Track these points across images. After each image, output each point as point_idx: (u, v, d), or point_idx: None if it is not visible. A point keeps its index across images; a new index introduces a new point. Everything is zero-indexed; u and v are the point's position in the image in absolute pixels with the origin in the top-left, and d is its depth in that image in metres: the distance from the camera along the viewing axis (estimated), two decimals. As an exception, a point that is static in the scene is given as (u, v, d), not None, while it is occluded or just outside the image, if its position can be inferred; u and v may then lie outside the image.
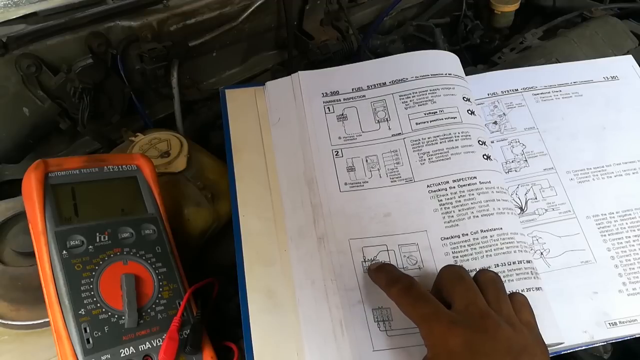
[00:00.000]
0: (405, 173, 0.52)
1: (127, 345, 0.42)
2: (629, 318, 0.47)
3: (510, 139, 0.58)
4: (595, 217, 0.53)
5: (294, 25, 0.82)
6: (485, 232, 0.48)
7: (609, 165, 0.56)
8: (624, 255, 0.51)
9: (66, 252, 0.43)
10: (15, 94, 0.62)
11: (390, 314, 0.45)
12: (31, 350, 0.47)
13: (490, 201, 0.50)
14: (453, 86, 0.56)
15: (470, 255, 0.48)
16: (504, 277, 0.45)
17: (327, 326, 0.45)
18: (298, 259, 0.49)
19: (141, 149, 0.58)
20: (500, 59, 0.85)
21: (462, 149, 0.52)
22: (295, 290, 0.47)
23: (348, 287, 0.47)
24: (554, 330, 0.45)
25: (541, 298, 0.46)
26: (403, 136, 0.54)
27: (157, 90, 0.71)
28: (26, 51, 0.60)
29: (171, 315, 0.45)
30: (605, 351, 0.52)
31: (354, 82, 0.58)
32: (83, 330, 0.41)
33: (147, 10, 0.68)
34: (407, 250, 0.48)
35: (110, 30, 0.65)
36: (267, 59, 0.84)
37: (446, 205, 0.50)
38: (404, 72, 0.57)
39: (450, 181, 0.51)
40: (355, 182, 0.52)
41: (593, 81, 0.62)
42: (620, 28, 0.83)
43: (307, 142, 0.55)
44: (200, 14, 0.71)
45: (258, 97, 0.60)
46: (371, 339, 0.44)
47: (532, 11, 1.02)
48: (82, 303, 0.42)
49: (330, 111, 0.56)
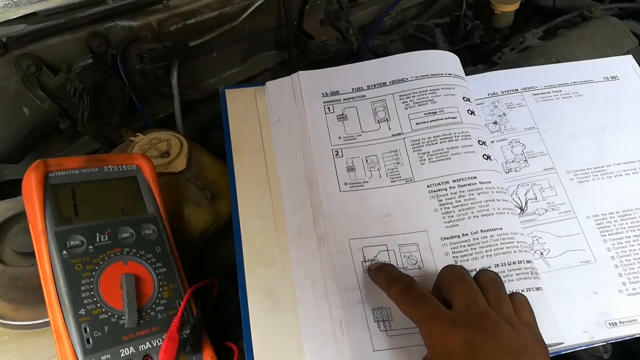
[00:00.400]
0: (405, 173, 0.52)
1: (127, 345, 0.42)
2: (629, 318, 0.47)
3: (510, 139, 0.57)
4: (595, 217, 0.53)
5: (294, 25, 0.82)
6: (485, 232, 0.48)
7: (609, 165, 0.55)
8: (624, 255, 0.50)
9: (66, 252, 0.43)
10: (15, 94, 0.62)
11: (390, 314, 0.45)
12: (31, 350, 0.47)
13: (490, 201, 0.50)
14: (453, 86, 0.56)
15: (470, 255, 0.48)
16: (504, 277, 0.45)
17: (327, 326, 0.45)
18: (298, 259, 0.49)
19: (141, 149, 0.58)
20: (500, 59, 0.85)
21: (462, 149, 0.52)
22: (295, 290, 0.47)
23: (348, 287, 0.47)
24: (554, 330, 0.45)
25: (541, 298, 0.46)
26: (403, 136, 0.54)
27: (157, 90, 0.71)
28: (26, 51, 0.60)
29: (171, 315, 0.45)
30: (605, 351, 0.52)
31: (354, 82, 0.58)
32: (83, 330, 0.41)
33: (147, 10, 0.68)
34: (407, 250, 0.48)
35: (110, 30, 0.65)
36: (267, 59, 0.84)
37: (446, 205, 0.50)
38: (404, 72, 0.57)
39: (450, 181, 0.51)
40: (355, 182, 0.52)
41: (593, 81, 0.62)
42: (620, 28, 0.83)
43: (307, 142, 0.54)
44: (200, 14, 0.71)
45: (258, 97, 0.59)
46: (371, 339, 0.44)
47: (532, 11, 1.02)
48: (82, 303, 0.42)
49: (330, 111, 0.56)
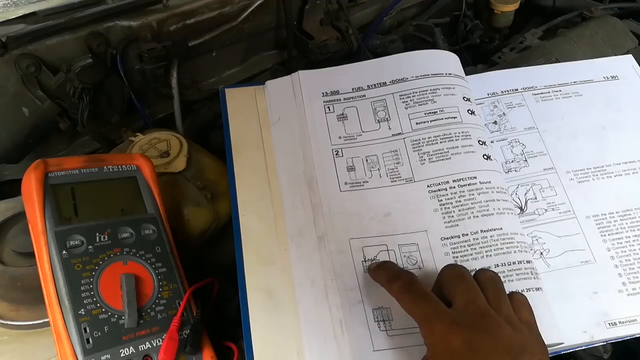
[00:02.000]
0: (406, 173, 0.52)
1: (127, 345, 0.42)
2: (628, 318, 0.47)
3: (510, 138, 0.57)
4: (595, 217, 0.53)
5: (293, 25, 0.82)
6: (485, 232, 0.48)
7: (609, 165, 0.55)
8: (624, 255, 0.50)
9: (66, 252, 0.43)
10: (15, 94, 0.62)
11: (390, 314, 0.45)
12: (31, 350, 0.47)
13: (490, 201, 0.50)
14: (453, 86, 0.56)
15: (470, 255, 0.48)
16: (504, 277, 0.45)
17: (327, 326, 0.45)
18: (298, 259, 0.49)
19: (141, 149, 0.58)
20: (500, 59, 0.85)
21: (463, 149, 0.52)
22: (295, 289, 0.47)
23: (348, 286, 0.47)
24: (554, 330, 0.45)
25: (541, 298, 0.46)
26: (403, 136, 0.54)
27: (157, 90, 0.71)
28: (26, 51, 0.60)
29: (171, 315, 0.45)
30: (605, 351, 0.52)
31: (354, 82, 0.58)
32: (83, 330, 0.41)
33: (147, 10, 0.68)
34: (407, 250, 0.48)
35: (109, 30, 0.65)
36: (266, 58, 0.84)
37: (446, 205, 0.50)
38: (404, 71, 0.57)
39: (450, 181, 0.51)
40: (355, 181, 0.52)
41: (593, 81, 0.62)
42: (620, 28, 0.83)
43: (307, 141, 0.54)
44: (199, 14, 0.71)
45: (258, 96, 0.59)
46: (371, 338, 0.44)
47: (532, 11, 1.02)
48: (82, 303, 0.42)
49: (331, 111, 0.56)
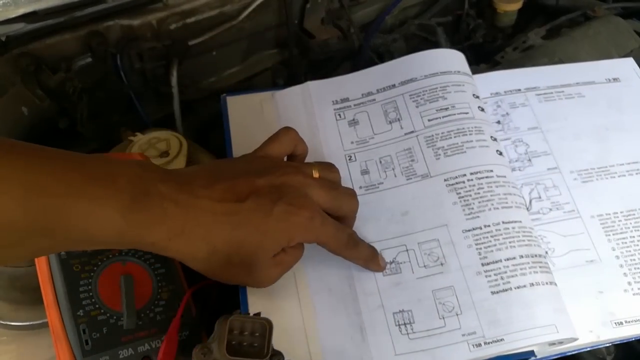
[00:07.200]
0: (421, 169, 0.52)
1: (126, 347, 0.42)
2: (635, 318, 0.47)
3: (513, 138, 0.57)
4: (599, 216, 0.52)
5: (294, 24, 0.82)
6: (507, 223, 0.48)
7: (612, 166, 0.55)
8: (629, 254, 0.50)
9: (65, 252, 0.43)
10: (14, 93, 0.61)
11: (411, 317, 0.44)
12: (31, 351, 0.47)
13: (509, 194, 0.49)
14: (463, 83, 0.56)
15: (494, 246, 0.47)
16: (528, 268, 0.45)
17: (347, 332, 0.44)
18: (313, 266, 0.48)
19: (140, 148, 0.58)
20: (503, 59, 0.84)
21: (477, 143, 0.52)
22: (312, 297, 0.46)
23: (367, 292, 0.46)
24: (569, 325, 0.44)
25: (558, 293, 0.46)
26: (416, 133, 0.54)
27: (157, 90, 0.70)
28: (25, 50, 0.60)
29: (170, 316, 0.45)
30: (608, 353, 0.52)
31: (363, 88, 0.58)
32: (81, 331, 0.41)
33: (147, 9, 0.67)
34: (427, 247, 0.48)
35: (109, 29, 0.65)
36: (267, 57, 0.84)
37: (465, 198, 0.49)
38: (412, 72, 0.57)
39: (467, 174, 0.50)
40: (370, 184, 0.52)
41: (595, 82, 0.62)
42: (624, 27, 0.82)
43: (319, 149, 0.54)
44: (200, 13, 0.71)
45: (264, 105, 0.59)
46: (392, 343, 0.44)
47: (535, 10, 1.01)
48: (81, 304, 0.42)
49: (342, 117, 0.57)
